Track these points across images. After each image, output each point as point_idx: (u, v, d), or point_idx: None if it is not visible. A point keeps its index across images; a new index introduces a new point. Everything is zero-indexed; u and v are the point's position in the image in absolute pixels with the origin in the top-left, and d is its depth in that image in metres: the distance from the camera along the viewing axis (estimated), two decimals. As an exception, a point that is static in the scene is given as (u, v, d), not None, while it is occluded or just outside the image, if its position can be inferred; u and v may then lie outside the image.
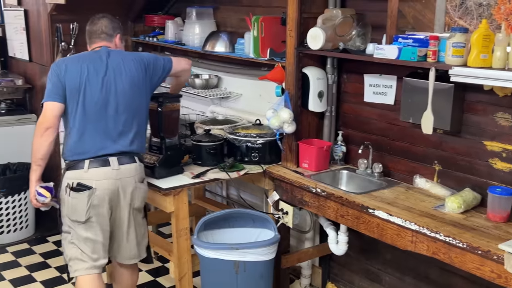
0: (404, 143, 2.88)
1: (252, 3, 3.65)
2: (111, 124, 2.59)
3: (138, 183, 2.66)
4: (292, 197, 2.97)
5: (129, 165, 2.61)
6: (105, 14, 2.86)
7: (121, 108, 2.60)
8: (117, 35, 2.80)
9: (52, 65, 2.69)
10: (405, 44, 2.48)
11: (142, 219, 2.77)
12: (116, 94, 2.59)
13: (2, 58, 4.87)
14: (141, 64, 2.70)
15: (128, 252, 2.74)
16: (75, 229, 2.61)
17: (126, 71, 2.64)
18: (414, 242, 2.35)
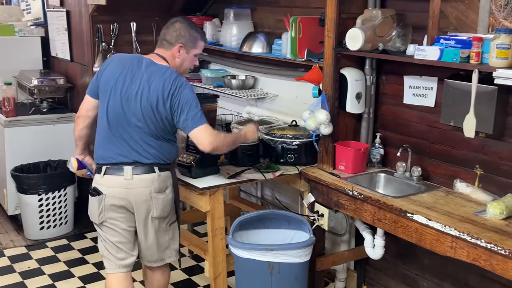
0: (444, 147, 2.81)
1: (290, 4, 3.64)
2: (129, 133, 2.53)
3: (155, 193, 2.57)
4: (328, 199, 2.94)
5: (144, 175, 2.55)
6: (180, 18, 2.68)
7: (141, 120, 2.51)
8: (177, 46, 2.60)
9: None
10: (447, 45, 2.42)
11: (168, 225, 2.72)
12: (135, 105, 2.50)
13: (44, 58, 5.00)
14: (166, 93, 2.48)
15: (150, 256, 2.73)
16: (96, 228, 2.72)
17: (150, 92, 2.48)
18: (453, 248, 2.29)
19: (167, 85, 2.47)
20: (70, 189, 4.32)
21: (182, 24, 2.61)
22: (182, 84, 2.50)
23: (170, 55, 2.60)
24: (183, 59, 2.63)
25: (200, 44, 2.66)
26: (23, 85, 4.63)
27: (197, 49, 2.65)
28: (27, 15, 5.41)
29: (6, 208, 4.44)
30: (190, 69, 2.73)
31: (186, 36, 2.60)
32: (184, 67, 2.67)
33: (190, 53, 2.63)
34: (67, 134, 4.52)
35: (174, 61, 2.61)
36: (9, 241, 4.22)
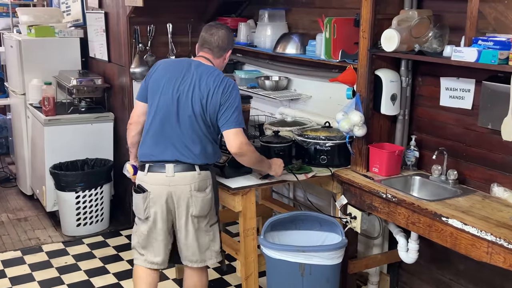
0: (481, 150, 2.75)
1: (325, 5, 3.62)
2: (176, 131, 2.62)
3: (194, 191, 2.63)
4: (360, 201, 2.92)
5: (184, 173, 2.62)
6: (219, 24, 2.81)
7: (191, 116, 2.60)
8: (228, 51, 2.79)
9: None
10: (485, 46, 2.37)
11: (209, 226, 2.76)
12: (187, 102, 2.60)
13: (83, 59, 5.11)
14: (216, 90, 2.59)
15: (190, 256, 2.77)
16: (137, 222, 2.79)
17: (201, 89, 2.59)
18: (489, 253, 2.24)
19: (217, 82, 2.60)
20: (107, 187, 4.41)
21: (226, 30, 2.75)
22: (231, 85, 2.63)
23: (219, 61, 2.76)
24: (224, 62, 2.82)
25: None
26: (62, 85, 4.75)
27: (229, 52, 2.83)
28: (67, 16, 5.55)
29: (45, 205, 4.57)
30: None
31: (232, 40, 2.80)
32: (221, 69, 2.79)
33: (228, 56, 2.83)
34: (104, 133, 4.63)
35: (220, 65, 2.77)
36: (47, 236, 4.33)
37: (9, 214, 4.76)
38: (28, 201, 5.06)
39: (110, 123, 4.65)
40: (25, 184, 5.10)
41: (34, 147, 4.79)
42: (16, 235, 4.34)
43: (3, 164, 5.92)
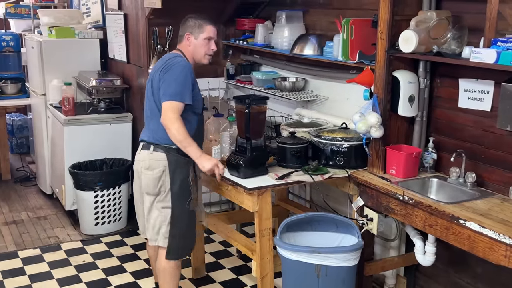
0: (500, 152, 2.72)
1: (343, 6, 3.62)
2: (146, 114, 3.00)
3: (143, 168, 2.92)
4: (377, 203, 2.90)
5: (142, 151, 2.96)
6: (191, 14, 3.01)
7: (150, 99, 2.94)
8: (185, 35, 2.95)
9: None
10: (505, 47, 2.35)
11: (160, 207, 2.92)
12: (148, 87, 2.95)
13: (102, 60, 5.17)
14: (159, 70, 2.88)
15: (148, 231, 3.02)
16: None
17: (154, 72, 2.92)
18: (508, 256, 2.21)
19: (162, 62, 2.90)
20: (125, 186, 4.46)
21: (191, 17, 2.96)
22: (173, 63, 2.85)
23: (184, 46, 2.95)
24: (194, 45, 2.93)
25: (207, 28, 2.93)
26: (82, 85, 4.81)
27: (204, 33, 2.92)
28: (87, 18, 5.62)
29: (64, 204, 4.63)
30: (208, 55, 2.97)
31: (191, 25, 2.93)
32: (199, 54, 2.95)
33: (199, 38, 2.92)
34: (122, 133, 4.68)
35: (188, 50, 2.95)
36: (66, 235, 4.39)
37: (29, 213, 4.84)
38: (47, 200, 5.14)
39: (129, 123, 4.70)
40: (45, 183, 5.18)
41: (54, 147, 4.86)
42: (36, 233, 4.41)
43: (23, 163, 6.02)
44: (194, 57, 2.97)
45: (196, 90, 2.90)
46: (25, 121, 6.54)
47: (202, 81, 4.54)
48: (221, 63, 4.62)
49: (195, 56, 2.97)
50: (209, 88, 4.61)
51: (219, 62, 4.62)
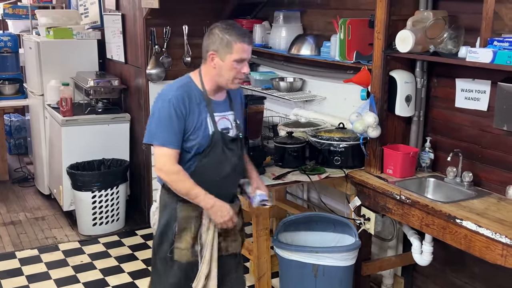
0: (497, 152, 2.73)
1: (340, 6, 3.62)
2: None
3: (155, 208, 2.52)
4: (374, 203, 2.90)
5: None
6: (218, 22, 2.32)
7: None
8: (209, 55, 2.28)
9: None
10: (501, 47, 2.35)
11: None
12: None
13: (100, 60, 5.17)
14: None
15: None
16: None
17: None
18: (504, 256, 2.22)
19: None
20: (123, 187, 4.46)
21: (217, 28, 2.26)
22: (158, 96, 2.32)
23: (207, 68, 2.31)
24: (220, 68, 2.27)
25: (236, 47, 2.23)
26: (79, 86, 4.81)
27: (233, 54, 2.23)
28: (85, 18, 5.62)
29: (62, 204, 4.63)
30: (237, 78, 2.29)
31: (217, 41, 2.24)
32: (225, 77, 2.28)
33: (227, 60, 2.24)
34: (120, 134, 4.68)
35: (212, 73, 2.30)
36: (63, 235, 4.39)
37: (26, 213, 4.83)
38: (45, 200, 5.13)
39: (127, 124, 4.70)
40: (42, 184, 5.18)
41: (52, 147, 4.86)
42: (33, 234, 4.40)
43: (21, 164, 6.01)
44: (218, 82, 2.31)
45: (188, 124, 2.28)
46: (23, 121, 6.53)
47: (200, 82, 4.56)
48: (219, 64, 4.62)
49: (220, 81, 2.30)
50: (207, 88, 4.61)
51: (217, 62, 4.62)
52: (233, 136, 2.40)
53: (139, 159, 4.67)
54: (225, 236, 2.45)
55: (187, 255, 2.39)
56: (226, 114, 2.40)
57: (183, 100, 2.26)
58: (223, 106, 2.40)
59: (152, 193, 4.51)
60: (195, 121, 2.29)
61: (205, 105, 2.32)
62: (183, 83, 2.32)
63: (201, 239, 2.39)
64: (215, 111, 2.34)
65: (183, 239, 2.38)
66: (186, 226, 2.37)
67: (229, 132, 2.39)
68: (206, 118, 2.32)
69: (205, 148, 2.31)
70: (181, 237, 2.38)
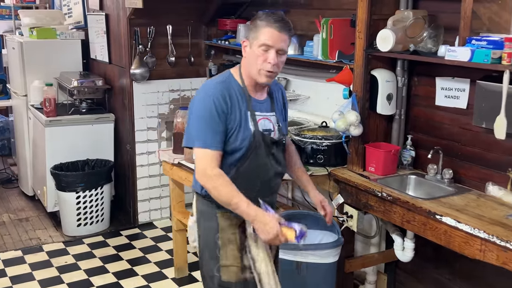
0: (476, 149, 2.77)
1: (323, 6, 3.65)
2: None
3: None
4: (357, 200, 2.94)
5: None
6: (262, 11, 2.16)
7: None
8: (243, 42, 2.15)
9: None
10: (479, 46, 2.39)
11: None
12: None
13: (84, 60, 5.15)
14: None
15: None
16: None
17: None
18: (483, 251, 2.26)
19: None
20: (107, 187, 4.44)
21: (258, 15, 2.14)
22: (197, 94, 2.15)
23: (242, 59, 2.15)
24: (249, 56, 2.09)
25: (263, 30, 2.03)
26: (63, 86, 4.79)
27: (259, 39, 2.03)
28: (68, 18, 5.59)
29: (46, 205, 4.60)
30: (263, 69, 2.06)
31: (249, 28, 2.10)
32: (253, 67, 2.08)
33: (254, 46, 2.06)
34: (104, 134, 4.66)
35: (244, 64, 2.14)
36: (47, 236, 4.36)
37: (10, 215, 4.80)
38: (29, 201, 5.10)
39: (111, 124, 4.69)
40: (26, 185, 5.14)
41: (35, 148, 4.83)
42: (17, 235, 4.37)
43: (5, 165, 5.97)
44: (250, 74, 2.11)
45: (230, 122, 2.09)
46: (6, 122, 6.47)
47: (184, 81, 4.58)
48: (203, 64, 4.64)
49: (251, 72, 2.10)
50: (191, 88, 4.62)
51: (201, 62, 4.63)
52: (275, 138, 2.21)
53: (124, 159, 4.66)
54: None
55: (237, 273, 2.14)
56: (268, 114, 2.19)
57: (223, 97, 2.06)
58: (264, 105, 2.19)
59: (137, 193, 4.51)
60: (237, 119, 2.09)
61: (245, 102, 2.11)
62: (222, 79, 2.13)
63: (251, 252, 2.14)
64: (256, 110, 2.14)
65: (229, 254, 2.14)
66: (231, 237, 2.14)
67: (271, 134, 2.19)
68: (247, 116, 2.11)
69: (246, 150, 2.11)
70: (227, 251, 2.15)
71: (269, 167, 2.19)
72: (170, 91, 4.52)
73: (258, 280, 2.14)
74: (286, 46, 2.09)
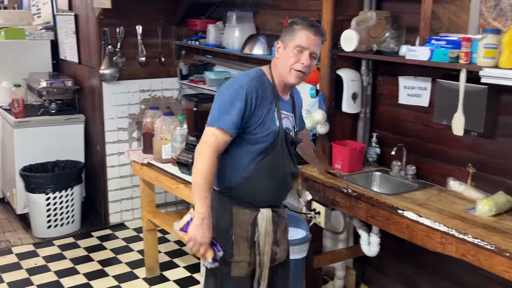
0: (438, 146, 2.86)
1: (291, 7, 3.70)
2: None
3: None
4: (324, 197, 2.99)
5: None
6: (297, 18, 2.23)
7: None
8: (276, 44, 2.26)
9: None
10: (438, 45, 2.48)
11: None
12: None
13: (54, 61, 5.11)
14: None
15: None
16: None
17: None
18: (443, 243, 2.33)
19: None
20: (77, 188, 4.42)
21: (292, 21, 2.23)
22: (224, 85, 2.23)
23: (274, 59, 2.25)
24: (282, 56, 2.19)
25: (299, 33, 2.13)
26: (32, 87, 4.74)
27: (295, 40, 2.14)
28: (37, 19, 5.54)
29: (15, 207, 4.55)
30: (294, 69, 2.15)
31: (285, 31, 2.20)
32: (285, 66, 2.17)
33: (288, 47, 2.16)
34: (74, 135, 4.64)
35: (277, 63, 2.23)
36: (17, 239, 4.32)
37: (-21, 217, 4.74)
38: (-2, 204, 5.04)
39: (81, 124, 4.67)
40: (-5, 187, 5.08)
41: (4, 150, 4.78)
42: (-14, 238, 4.33)
43: (-27, 167, 5.87)
44: (281, 74, 2.20)
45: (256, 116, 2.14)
46: (-26, 124, 6.37)
47: (155, 82, 4.59)
48: (174, 64, 4.65)
49: (281, 71, 2.20)
50: (162, 88, 4.63)
51: (172, 62, 4.65)
52: (293, 138, 2.29)
53: (94, 160, 4.64)
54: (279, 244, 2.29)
55: (246, 269, 2.20)
56: (289, 114, 2.28)
57: (256, 91, 2.12)
58: (287, 105, 2.28)
59: (108, 194, 4.50)
60: (264, 113, 2.15)
61: (274, 99, 2.19)
62: (256, 75, 2.19)
63: (259, 247, 2.21)
64: (281, 109, 2.23)
65: (242, 250, 2.19)
66: (244, 234, 2.19)
67: (290, 133, 2.27)
68: (274, 112, 2.19)
69: (269, 144, 2.17)
70: (239, 248, 2.19)
71: (287, 164, 2.26)
72: (141, 91, 4.53)
73: (259, 272, 2.24)
74: (319, 50, 2.20)
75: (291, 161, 2.29)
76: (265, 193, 2.19)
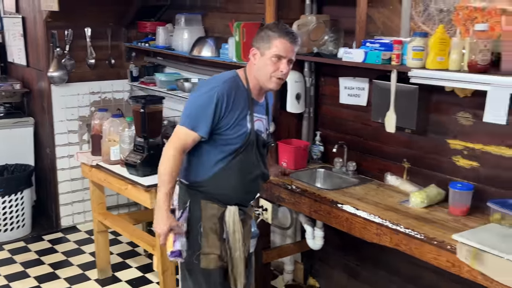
0: (376, 143, 3.01)
1: (238, 10, 3.80)
2: None
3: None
4: (271, 194, 3.10)
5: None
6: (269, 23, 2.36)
7: None
8: (251, 50, 2.28)
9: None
10: (372, 48, 2.62)
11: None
12: None
13: (1, 64, 5.03)
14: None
15: None
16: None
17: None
18: (378, 234, 2.48)
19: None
20: (27, 192, 4.38)
21: (265, 27, 2.29)
22: (198, 86, 2.36)
23: (250, 64, 2.30)
24: (259, 63, 2.24)
25: (276, 42, 2.18)
26: (-21, 90, 4.67)
27: (272, 49, 2.19)
28: (-17, 21, 5.43)
29: (-37, 212, 4.47)
30: (274, 76, 2.23)
31: (260, 38, 2.24)
32: (263, 73, 2.23)
33: (265, 55, 2.21)
34: (24, 138, 4.59)
35: (253, 69, 2.27)
36: (-35, 244, 4.26)
37: None
38: None
39: (30, 128, 4.62)
40: None
41: (-50, 154, 4.68)
42: None
43: None
44: (258, 79, 2.26)
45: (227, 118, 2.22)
46: None
47: (105, 84, 4.59)
48: (124, 66, 4.67)
49: (260, 78, 2.25)
50: (113, 90, 4.65)
51: (122, 64, 4.67)
52: (265, 139, 2.38)
53: (45, 163, 4.61)
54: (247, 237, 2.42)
55: (215, 261, 2.30)
56: (262, 117, 2.35)
57: (228, 95, 2.19)
58: (261, 108, 2.35)
59: (59, 197, 4.48)
60: (236, 117, 2.22)
61: (248, 103, 2.26)
62: (230, 77, 2.26)
63: (229, 243, 2.31)
64: (254, 112, 2.30)
65: (210, 242, 2.28)
66: (212, 227, 2.28)
67: (262, 135, 2.35)
68: (246, 115, 2.26)
69: (240, 146, 2.26)
70: (208, 240, 2.28)
71: (257, 166, 2.35)
72: (91, 94, 4.53)
73: (231, 268, 2.34)
74: (294, 56, 2.28)
75: (262, 162, 2.38)
76: (233, 192, 2.30)
